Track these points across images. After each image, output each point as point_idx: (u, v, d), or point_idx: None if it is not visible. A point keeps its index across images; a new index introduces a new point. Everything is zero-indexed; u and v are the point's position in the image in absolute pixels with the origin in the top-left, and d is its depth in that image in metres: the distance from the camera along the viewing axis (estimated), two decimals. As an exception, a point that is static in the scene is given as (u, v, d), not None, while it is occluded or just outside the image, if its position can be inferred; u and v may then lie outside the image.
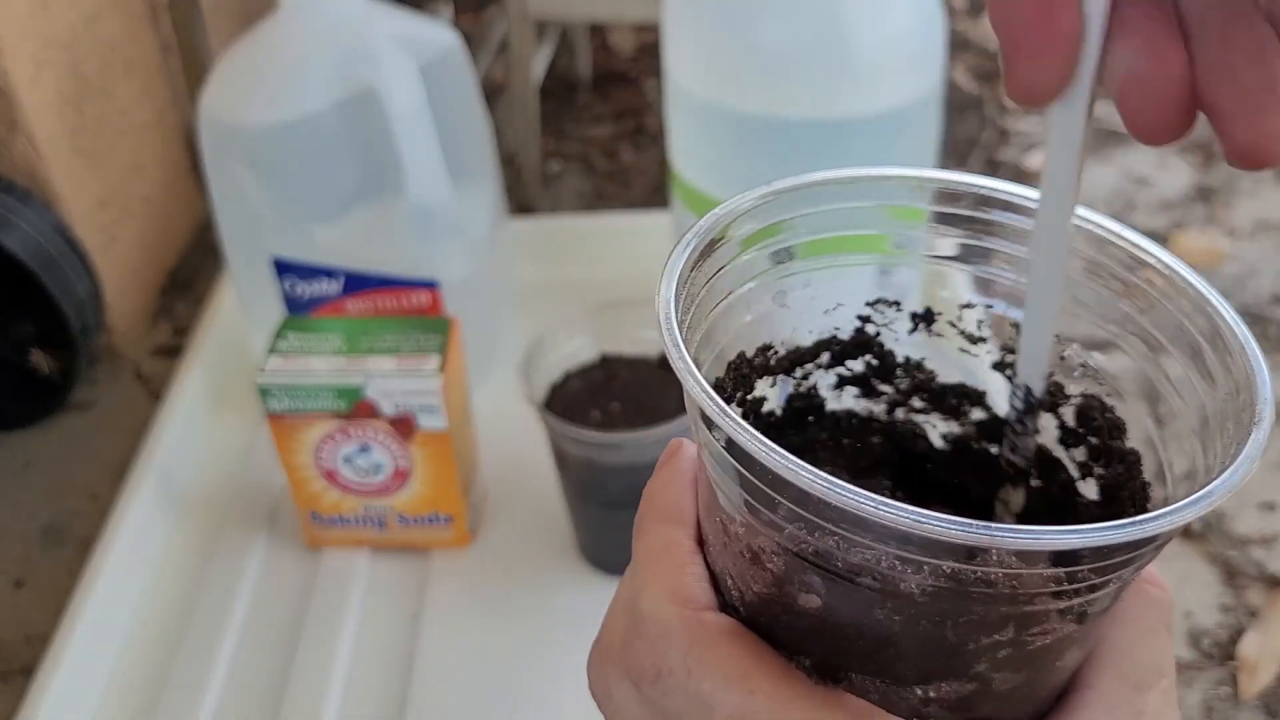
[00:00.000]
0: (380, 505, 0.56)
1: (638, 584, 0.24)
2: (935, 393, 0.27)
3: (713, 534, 0.24)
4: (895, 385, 0.27)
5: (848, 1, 0.50)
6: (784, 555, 0.21)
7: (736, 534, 0.22)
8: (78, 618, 0.52)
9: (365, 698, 0.51)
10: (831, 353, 0.27)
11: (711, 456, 0.22)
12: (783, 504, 0.20)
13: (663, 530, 0.25)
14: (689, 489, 0.25)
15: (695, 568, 0.24)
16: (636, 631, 0.23)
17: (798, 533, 0.20)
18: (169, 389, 0.67)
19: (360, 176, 0.60)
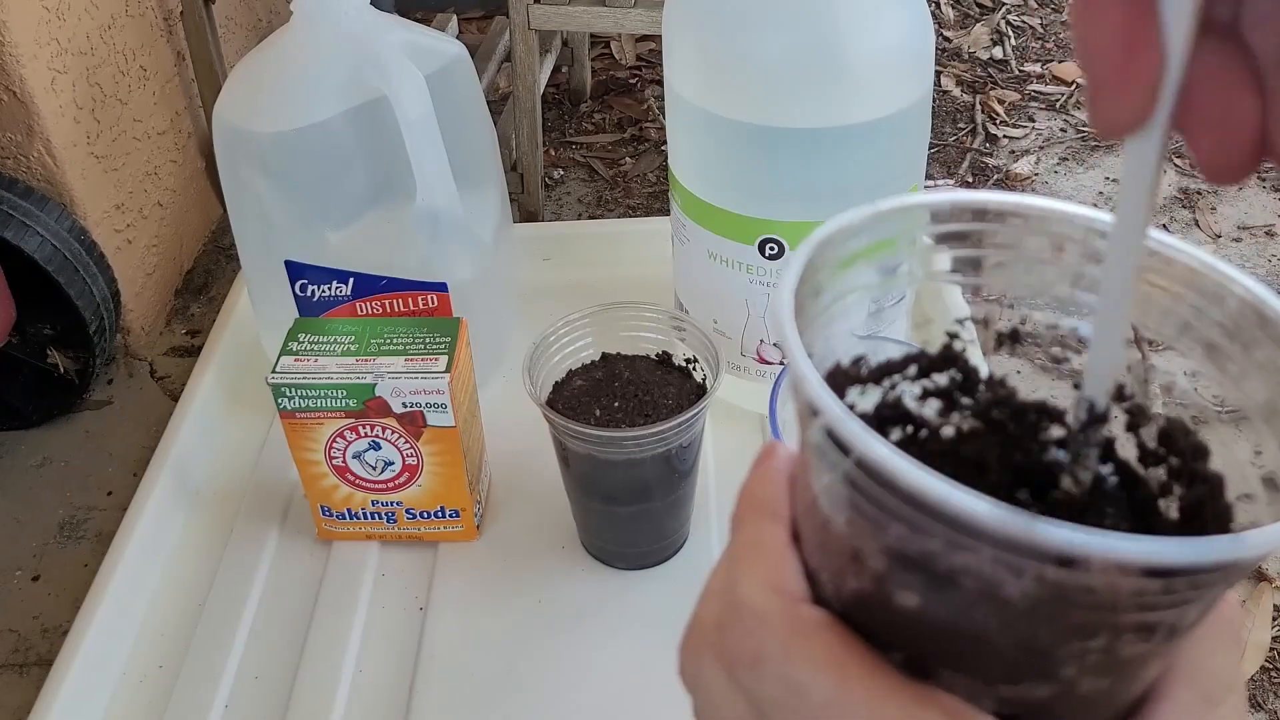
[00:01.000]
0: (390, 500, 0.57)
1: (736, 574, 0.25)
2: (1015, 409, 0.28)
3: (809, 531, 0.24)
4: (976, 399, 0.28)
5: (841, 13, 0.51)
6: (885, 555, 0.21)
7: (836, 533, 0.22)
8: (94, 610, 0.54)
9: (374, 686, 0.53)
10: (919, 366, 0.28)
11: (817, 456, 0.22)
12: (889, 505, 0.20)
13: (760, 524, 0.25)
14: (784, 487, 0.26)
15: (792, 561, 0.24)
16: (734, 618, 0.24)
17: (902, 533, 0.20)
18: (184, 388, 0.68)
19: (370, 182, 0.62)
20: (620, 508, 0.54)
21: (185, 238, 1.35)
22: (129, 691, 0.54)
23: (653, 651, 0.53)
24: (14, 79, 1.01)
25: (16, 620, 0.95)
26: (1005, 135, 1.69)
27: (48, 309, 1.05)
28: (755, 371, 0.62)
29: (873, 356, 0.27)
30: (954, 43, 1.93)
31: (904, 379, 0.28)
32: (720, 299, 0.60)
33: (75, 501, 1.07)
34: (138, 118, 1.21)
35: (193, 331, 1.27)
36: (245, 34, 1.48)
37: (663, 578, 0.57)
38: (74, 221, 1.07)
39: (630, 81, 1.85)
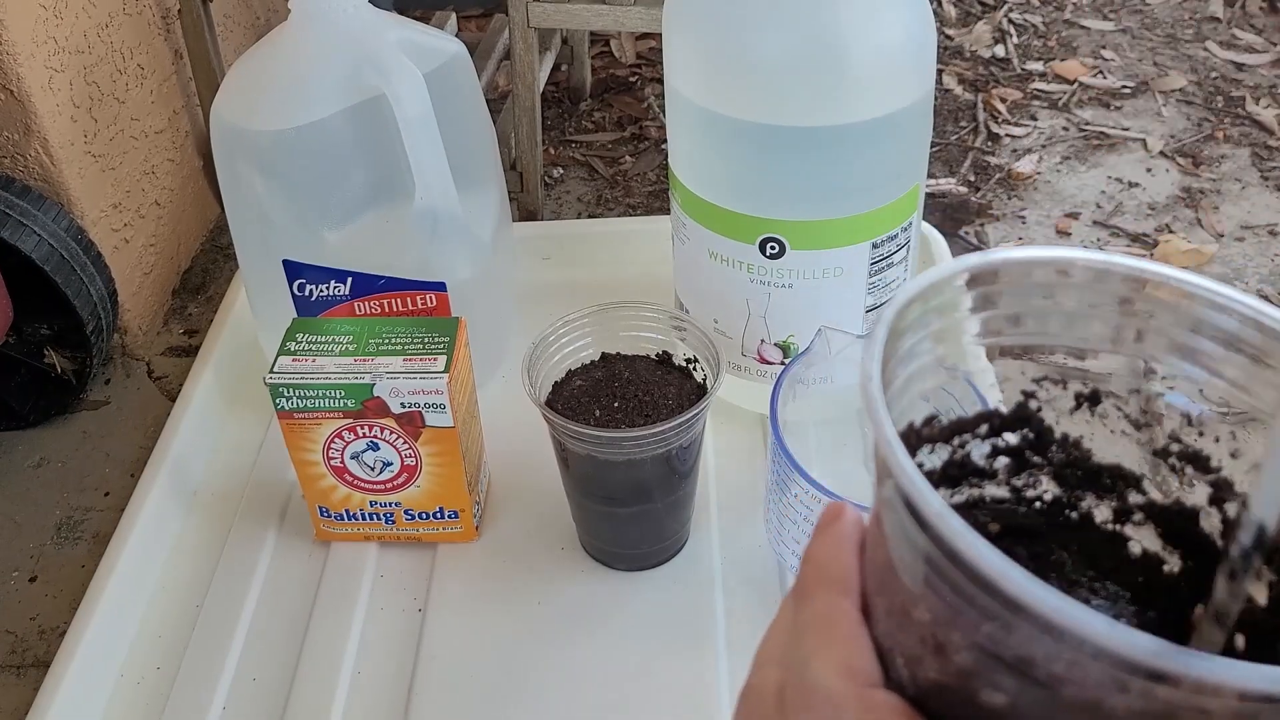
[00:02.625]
0: (388, 501, 0.57)
1: (804, 651, 0.24)
2: (1090, 471, 0.27)
3: (884, 610, 0.23)
4: (1049, 459, 0.27)
5: (842, 12, 0.51)
6: (975, 651, 0.20)
7: (919, 619, 0.22)
8: (92, 611, 0.53)
9: (373, 688, 0.53)
10: (990, 425, 0.27)
11: (905, 541, 0.21)
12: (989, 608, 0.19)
13: (829, 598, 0.24)
14: (855, 556, 0.25)
15: (864, 640, 0.23)
16: (802, 700, 0.23)
17: (997, 633, 0.19)
18: (182, 388, 0.68)
19: (369, 181, 0.61)
20: (620, 509, 0.54)
21: (183, 237, 1.34)
22: (127, 693, 0.53)
23: (652, 653, 0.53)
24: (11, 77, 1.01)
25: (14, 621, 0.94)
26: (1007, 134, 1.69)
27: (45, 309, 1.05)
28: (756, 371, 0.62)
29: (944, 416, 0.26)
30: (956, 41, 1.93)
31: (974, 437, 0.27)
32: (721, 298, 0.60)
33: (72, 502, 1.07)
34: (135, 116, 1.21)
35: (190, 331, 1.26)
36: (243, 32, 1.48)
37: (663, 579, 0.57)
38: (71, 221, 1.07)
39: (630, 80, 1.85)
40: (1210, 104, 1.73)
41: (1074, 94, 1.78)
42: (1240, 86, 1.77)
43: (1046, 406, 0.27)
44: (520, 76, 1.30)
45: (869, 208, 0.55)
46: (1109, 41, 1.92)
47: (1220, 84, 1.78)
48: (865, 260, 0.57)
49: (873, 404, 0.22)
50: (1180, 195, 1.54)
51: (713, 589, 0.56)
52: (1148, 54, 1.88)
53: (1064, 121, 1.72)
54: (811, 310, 0.58)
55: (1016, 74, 1.84)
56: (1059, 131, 1.69)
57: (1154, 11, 2.00)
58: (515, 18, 1.25)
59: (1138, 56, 1.88)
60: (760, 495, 0.59)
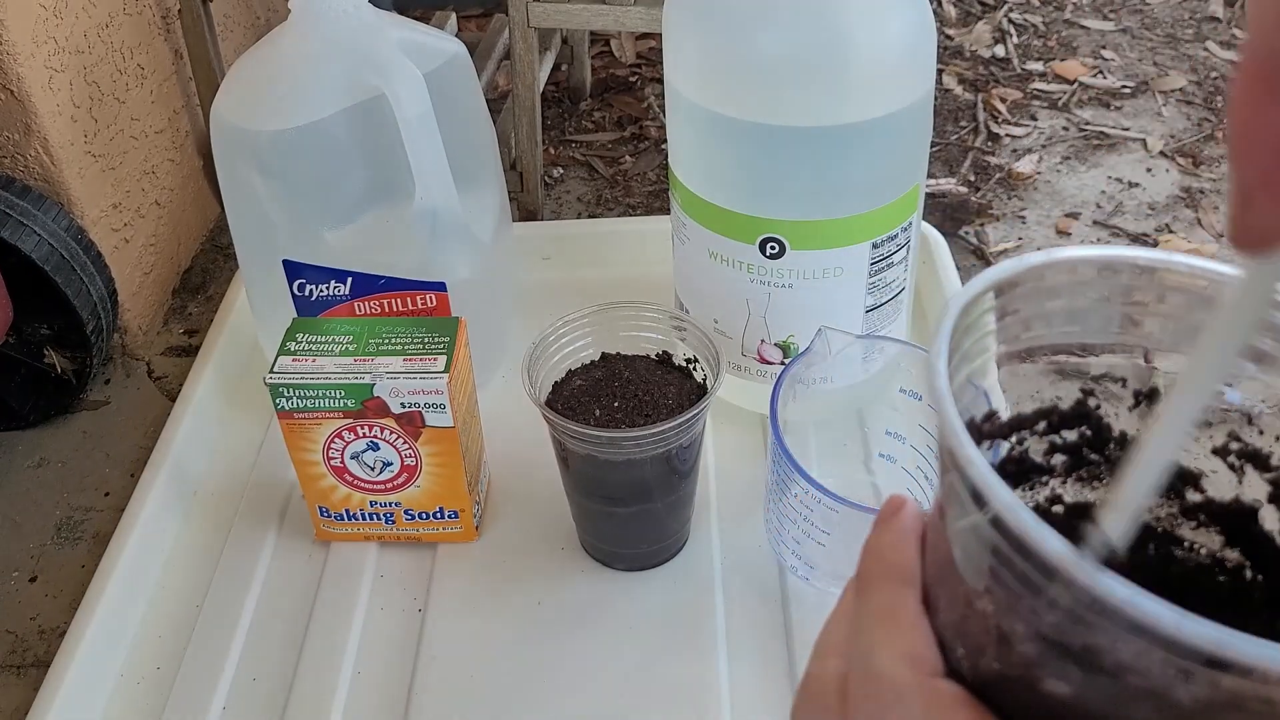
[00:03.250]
0: (388, 501, 0.57)
1: (867, 641, 0.24)
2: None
3: (946, 601, 0.24)
4: (1107, 456, 0.27)
5: (842, 12, 0.51)
6: (1038, 641, 0.20)
7: (982, 610, 0.22)
8: (92, 611, 0.53)
9: (373, 688, 0.53)
10: (1049, 422, 0.27)
11: (968, 531, 0.21)
12: (1055, 594, 0.19)
13: (891, 588, 0.25)
14: (916, 548, 0.25)
15: (927, 631, 0.24)
16: (866, 689, 0.23)
17: (1063, 623, 0.20)
18: (182, 388, 0.68)
19: (369, 181, 0.61)
20: (620, 508, 0.54)
21: (183, 237, 1.34)
22: (127, 693, 0.53)
23: (652, 653, 0.53)
24: (11, 77, 1.01)
25: (14, 621, 0.94)
26: (1007, 134, 1.69)
27: (45, 309, 1.05)
28: (756, 371, 0.62)
29: (1004, 412, 0.26)
30: (955, 40, 1.93)
31: (1032, 434, 0.27)
32: (721, 298, 0.60)
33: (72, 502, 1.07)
34: (135, 116, 1.21)
35: (190, 331, 1.26)
36: (243, 32, 1.48)
37: (663, 579, 0.57)
38: (71, 220, 1.07)
39: (630, 80, 1.85)
40: (1210, 104, 1.73)
41: (1074, 94, 1.78)
42: (1240, 86, 1.77)
43: (1105, 404, 0.27)
44: (520, 76, 1.30)
45: (869, 208, 0.55)
46: (1109, 41, 1.92)
47: (1220, 84, 1.78)
48: (865, 260, 0.57)
49: (940, 397, 0.22)
50: (1180, 195, 1.54)
51: (713, 589, 0.56)
52: (1148, 54, 1.88)
53: (1064, 121, 1.72)
54: (811, 310, 0.58)
55: (1016, 74, 1.84)
56: (1059, 131, 1.69)
57: (1154, 11, 2.00)
58: (515, 18, 1.25)
59: (1138, 56, 1.88)
60: (760, 495, 0.59)
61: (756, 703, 0.51)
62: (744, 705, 0.51)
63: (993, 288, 0.25)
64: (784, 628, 0.54)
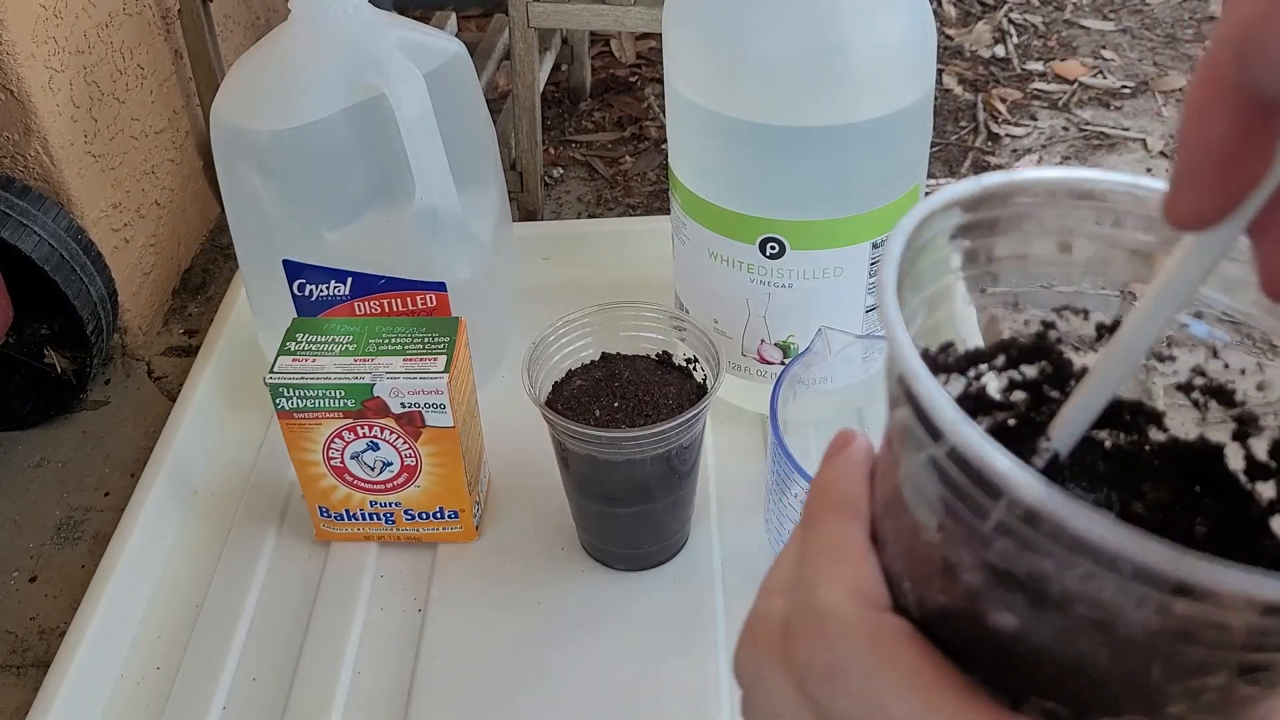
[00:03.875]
0: (388, 501, 0.57)
1: (811, 575, 0.23)
2: (1110, 407, 0.26)
3: (893, 535, 0.23)
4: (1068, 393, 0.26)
5: (842, 12, 0.51)
6: (984, 570, 0.20)
7: (928, 540, 0.21)
8: (92, 611, 0.53)
9: (373, 688, 0.53)
10: (1008, 356, 0.26)
11: (918, 459, 0.21)
12: (1001, 516, 0.19)
13: (837, 522, 0.24)
14: (864, 482, 0.24)
15: (873, 565, 0.23)
16: (809, 625, 0.22)
17: (1009, 549, 0.19)
18: (182, 388, 0.68)
19: (369, 181, 0.61)
20: (620, 508, 0.54)
21: (183, 237, 1.34)
22: (127, 693, 0.53)
23: (652, 653, 0.53)
24: (11, 77, 1.01)
25: (13, 622, 0.94)
26: (1007, 134, 1.69)
27: (45, 309, 1.05)
28: (756, 371, 0.62)
29: (960, 344, 0.25)
30: (956, 41, 1.93)
31: (990, 369, 0.26)
32: (721, 298, 0.60)
33: (72, 502, 1.07)
34: (135, 116, 1.21)
35: (190, 331, 1.26)
36: (243, 32, 1.48)
37: (663, 579, 0.57)
38: (71, 221, 1.07)
39: (630, 80, 1.85)
40: (1210, 104, 1.73)
41: (1074, 94, 1.78)
42: (1240, 86, 1.77)
43: (1067, 337, 0.26)
44: (520, 76, 1.30)
45: (869, 208, 0.55)
46: (1109, 41, 1.92)
47: (1220, 84, 1.78)
48: (865, 260, 0.57)
49: (888, 317, 0.21)
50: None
51: (713, 589, 0.56)
52: (1148, 54, 1.88)
53: (1064, 121, 1.72)
54: (811, 310, 0.58)
55: (1016, 74, 1.84)
56: (1059, 131, 1.69)
57: (1154, 11, 2.00)
58: (515, 18, 1.25)
59: (1138, 56, 1.88)
60: (760, 495, 0.59)
61: (756, 703, 0.51)
62: (744, 705, 0.51)
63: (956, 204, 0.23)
64: (784, 628, 0.54)
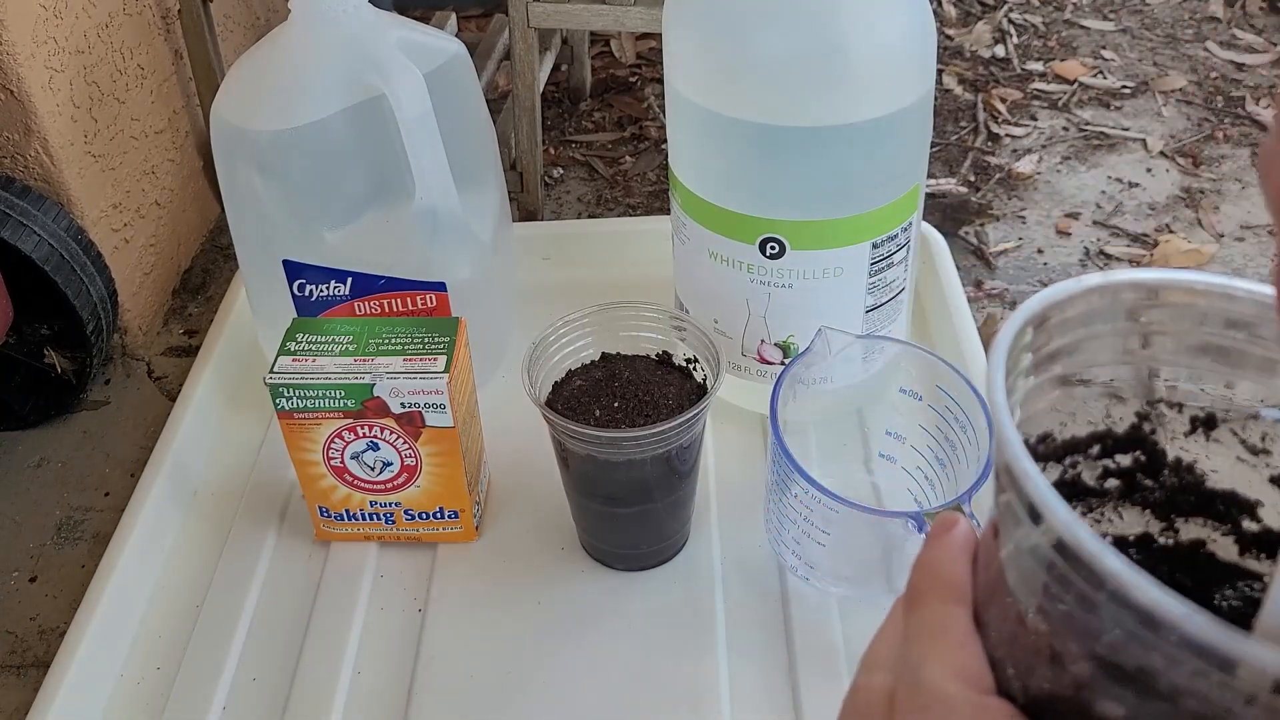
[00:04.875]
0: (388, 501, 0.57)
1: (916, 655, 0.24)
2: (1204, 496, 0.27)
3: (997, 620, 0.23)
4: (1161, 483, 0.27)
5: (842, 11, 0.51)
6: (1092, 662, 0.20)
7: (1035, 629, 0.21)
8: (92, 612, 0.53)
9: (373, 688, 0.53)
10: (1103, 445, 0.27)
11: (1026, 550, 0.21)
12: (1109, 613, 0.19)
13: (943, 604, 0.24)
14: (968, 565, 0.25)
15: (978, 648, 0.23)
16: (915, 705, 0.23)
17: (1118, 643, 0.19)
18: (182, 388, 0.68)
19: (369, 181, 0.61)
20: (620, 509, 0.54)
21: (183, 237, 1.34)
22: (126, 693, 0.53)
23: (652, 653, 0.53)
24: (11, 78, 1.01)
25: (13, 622, 0.94)
26: (1007, 134, 1.69)
27: (45, 309, 1.05)
28: (756, 371, 0.62)
29: (1058, 434, 0.26)
30: (955, 41, 1.93)
31: (1086, 458, 0.27)
32: (721, 298, 0.60)
33: (72, 502, 1.07)
34: (135, 116, 1.21)
35: (190, 331, 1.26)
36: (243, 32, 1.48)
37: (663, 579, 0.57)
38: (71, 221, 1.07)
39: (630, 80, 1.85)
40: (1210, 104, 1.73)
41: (1074, 94, 1.78)
42: (1240, 86, 1.77)
43: (1160, 429, 0.27)
44: (520, 76, 1.30)
45: (869, 208, 0.55)
46: (1109, 41, 1.92)
47: (1220, 84, 1.78)
48: (865, 260, 0.57)
49: (998, 413, 0.21)
50: (1180, 195, 1.54)
51: (713, 589, 0.56)
52: (1148, 54, 1.88)
53: (1064, 121, 1.72)
54: (811, 310, 0.58)
55: (1016, 74, 1.84)
56: (1059, 131, 1.69)
57: (1154, 11, 2.00)
58: (515, 18, 1.25)
59: (1138, 56, 1.88)
60: (760, 495, 0.59)
61: (756, 703, 0.51)
62: (744, 705, 0.51)
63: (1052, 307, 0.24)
64: (784, 628, 0.54)
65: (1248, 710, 0.18)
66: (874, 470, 0.61)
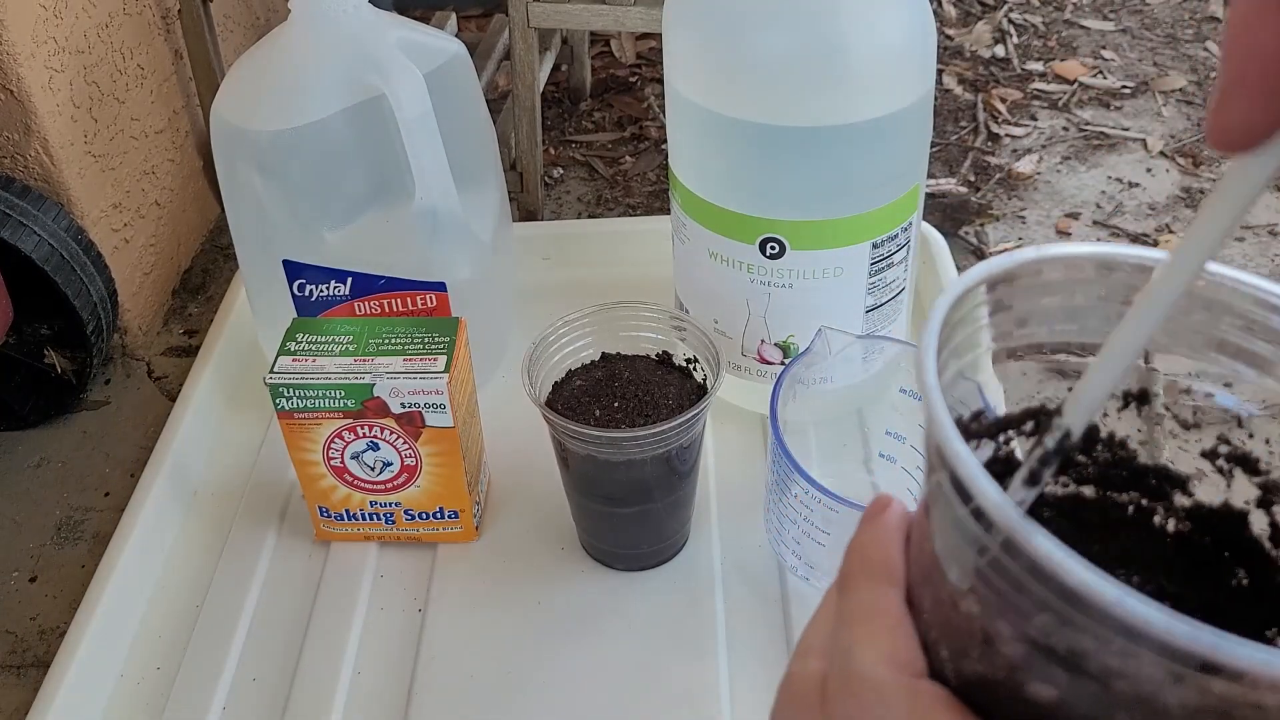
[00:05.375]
0: (388, 501, 0.57)
1: (847, 640, 0.23)
2: (1135, 472, 0.27)
3: (930, 602, 0.23)
4: (1094, 459, 0.27)
5: (842, 11, 0.51)
6: (1025, 643, 0.20)
7: (967, 611, 0.21)
8: (92, 611, 0.53)
9: (373, 688, 0.53)
10: (1036, 422, 0.27)
11: (955, 530, 0.21)
12: (1040, 597, 0.19)
13: (874, 588, 0.24)
14: (900, 547, 0.25)
15: (909, 631, 0.23)
16: (847, 690, 0.23)
17: (1049, 624, 0.19)
18: (182, 388, 0.68)
19: (369, 181, 0.61)
20: (620, 509, 0.54)
21: (183, 237, 1.34)
22: (126, 693, 0.53)
23: (652, 653, 0.53)
24: (11, 77, 1.01)
25: (13, 622, 0.94)
26: (1007, 134, 1.69)
27: (45, 309, 1.05)
28: (756, 371, 0.62)
29: (989, 413, 0.26)
30: (955, 41, 1.93)
31: (1019, 434, 0.27)
32: (721, 298, 0.60)
33: (72, 502, 1.07)
34: (135, 116, 1.21)
35: (190, 331, 1.26)
36: (243, 32, 1.48)
37: (662, 579, 0.57)
38: (71, 221, 1.07)
39: (630, 80, 1.85)
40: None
41: (1074, 94, 1.78)
42: (1240, 86, 1.77)
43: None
44: (520, 76, 1.30)
45: (869, 208, 0.55)
46: (1109, 41, 1.92)
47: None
48: (865, 260, 0.57)
49: (928, 391, 0.21)
50: (1180, 195, 1.54)
51: (713, 589, 0.56)
52: (1148, 54, 1.88)
53: (1064, 121, 1.72)
54: (811, 310, 0.58)
55: (1016, 74, 1.84)
56: (1059, 131, 1.69)
57: (1154, 11, 2.00)
58: (515, 18, 1.25)
59: (1138, 56, 1.88)
60: (760, 495, 0.59)
61: (756, 703, 0.51)
62: (744, 705, 0.51)
63: (986, 281, 0.24)
64: (784, 628, 0.54)
65: (1176, 689, 0.18)
66: (874, 470, 0.61)
